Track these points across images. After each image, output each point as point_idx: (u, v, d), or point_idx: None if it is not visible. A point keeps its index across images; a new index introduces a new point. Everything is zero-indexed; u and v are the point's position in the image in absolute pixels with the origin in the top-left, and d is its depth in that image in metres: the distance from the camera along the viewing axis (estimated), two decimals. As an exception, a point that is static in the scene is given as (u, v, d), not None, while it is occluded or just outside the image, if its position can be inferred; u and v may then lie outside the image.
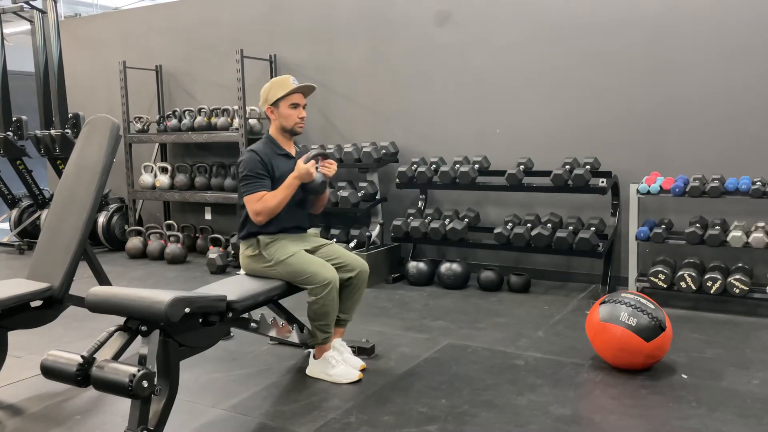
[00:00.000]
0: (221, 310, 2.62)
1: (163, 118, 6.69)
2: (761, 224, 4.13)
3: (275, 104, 3.12)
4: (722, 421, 2.61)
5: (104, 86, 7.34)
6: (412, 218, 5.15)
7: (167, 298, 2.26)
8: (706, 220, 4.40)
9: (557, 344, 3.60)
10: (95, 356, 2.25)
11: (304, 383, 3.09)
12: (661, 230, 4.32)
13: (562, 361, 3.33)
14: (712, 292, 4.07)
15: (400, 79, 5.63)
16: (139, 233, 6.50)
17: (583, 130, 4.92)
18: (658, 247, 4.55)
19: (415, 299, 4.64)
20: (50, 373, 2.29)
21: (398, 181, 5.21)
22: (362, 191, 5.35)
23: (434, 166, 5.17)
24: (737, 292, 4.01)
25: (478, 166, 5.04)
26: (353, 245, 5.23)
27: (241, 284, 2.96)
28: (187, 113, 6.46)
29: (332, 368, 3.09)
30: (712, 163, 4.47)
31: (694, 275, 4.13)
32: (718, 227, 4.20)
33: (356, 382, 3.06)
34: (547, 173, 4.70)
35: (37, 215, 6.76)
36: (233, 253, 5.69)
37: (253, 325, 2.98)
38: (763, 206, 4.28)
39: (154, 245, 6.27)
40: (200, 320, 2.56)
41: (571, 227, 4.74)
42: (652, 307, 3.12)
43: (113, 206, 6.78)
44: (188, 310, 2.36)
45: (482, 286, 4.84)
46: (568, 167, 4.70)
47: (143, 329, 2.33)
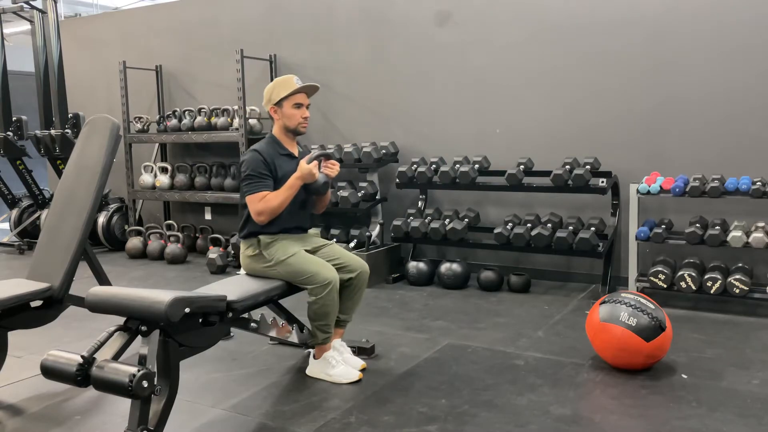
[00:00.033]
0: (221, 310, 2.62)
1: (163, 118, 6.69)
2: (761, 224, 4.13)
3: (279, 104, 3.11)
4: (722, 421, 2.61)
5: (104, 86, 7.34)
6: (412, 218, 5.15)
7: (167, 298, 2.26)
8: (706, 220, 4.40)
9: (557, 344, 3.60)
10: (95, 356, 2.25)
11: (304, 383, 3.09)
12: (661, 230, 4.32)
13: (562, 361, 3.33)
14: (712, 292, 4.08)
15: (400, 79, 5.63)
16: (139, 233, 6.50)
17: (583, 130, 4.92)
18: (658, 247, 4.55)
19: (415, 299, 4.64)
20: (50, 373, 2.29)
21: (398, 181, 5.21)
22: (362, 191, 5.35)
23: (434, 166, 5.17)
24: (737, 292, 4.01)
25: (478, 166, 5.04)
26: (353, 245, 5.23)
27: (241, 284, 2.96)
28: (187, 113, 6.46)
29: (332, 368, 3.09)
30: (712, 163, 4.47)
31: (694, 275, 4.13)
32: (718, 227, 4.20)
33: (356, 382, 3.06)
34: (547, 173, 4.71)
35: (37, 215, 6.76)
36: (233, 253, 5.69)
37: (253, 325, 2.98)
38: (763, 206, 4.28)
39: (154, 245, 6.27)
40: (200, 320, 2.56)
41: (571, 227, 4.73)
42: (652, 307, 3.12)
43: (113, 206, 6.78)
44: (188, 310, 2.36)
45: (482, 286, 4.84)
46: (568, 167, 4.70)
47: (143, 329, 2.33)
